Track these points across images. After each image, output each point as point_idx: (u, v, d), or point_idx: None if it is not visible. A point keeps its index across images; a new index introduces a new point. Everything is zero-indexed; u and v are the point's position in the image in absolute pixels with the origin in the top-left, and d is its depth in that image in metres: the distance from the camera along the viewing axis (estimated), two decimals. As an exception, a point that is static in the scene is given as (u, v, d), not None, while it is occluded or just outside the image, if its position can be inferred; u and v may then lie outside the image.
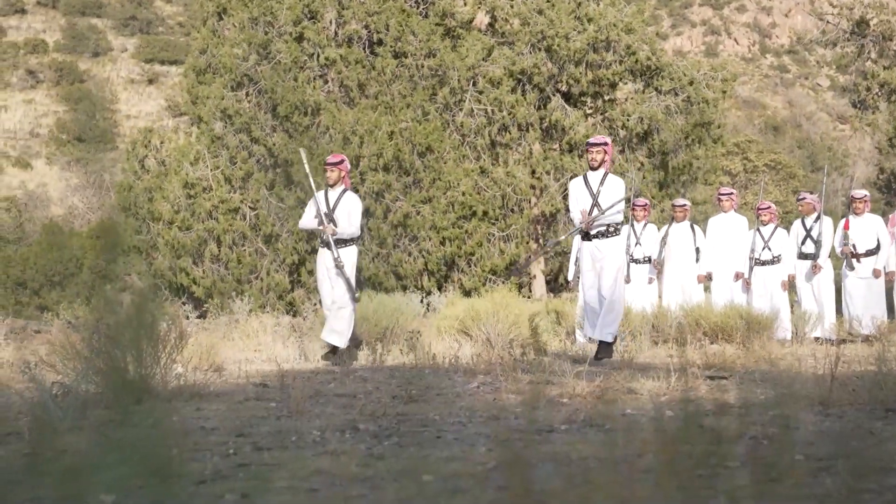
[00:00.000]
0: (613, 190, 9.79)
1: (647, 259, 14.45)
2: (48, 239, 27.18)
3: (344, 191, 10.69)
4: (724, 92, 22.71)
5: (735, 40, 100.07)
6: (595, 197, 9.77)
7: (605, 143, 9.95)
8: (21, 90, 63.27)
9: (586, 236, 9.83)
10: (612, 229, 9.77)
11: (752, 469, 3.47)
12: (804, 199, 14.14)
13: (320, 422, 4.89)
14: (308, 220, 10.76)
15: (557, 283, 25.74)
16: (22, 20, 71.11)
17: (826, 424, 4.69)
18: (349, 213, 10.54)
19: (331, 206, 10.57)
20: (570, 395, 5.93)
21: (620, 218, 9.94)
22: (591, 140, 10.08)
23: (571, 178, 9.63)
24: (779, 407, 5.01)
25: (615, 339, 9.67)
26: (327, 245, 10.50)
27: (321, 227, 10.48)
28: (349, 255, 10.57)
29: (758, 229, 14.06)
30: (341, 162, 10.81)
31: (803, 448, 3.94)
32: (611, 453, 3.72)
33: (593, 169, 9.93)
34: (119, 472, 3.12)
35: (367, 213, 19.78)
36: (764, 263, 13.87)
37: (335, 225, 10.44)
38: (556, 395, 5.97)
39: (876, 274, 13.61)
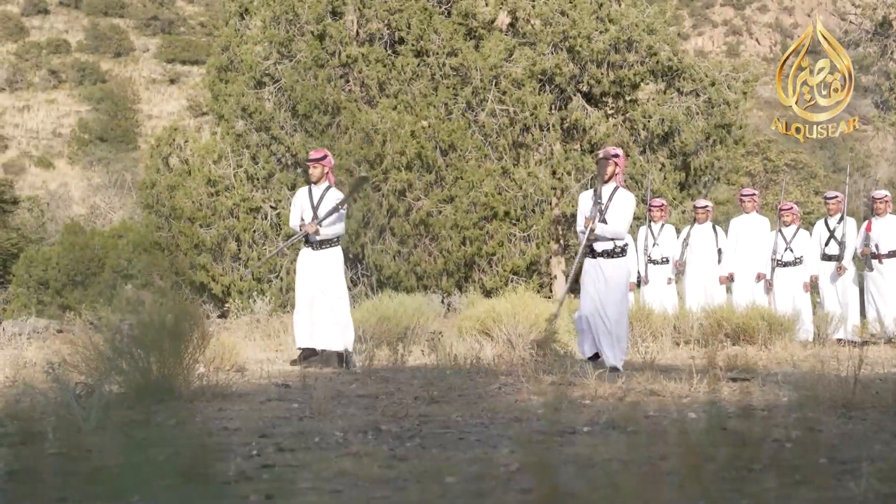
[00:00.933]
0: (622, 205, 9.35)
1: (664, 259, 14.43)
2: (70, 238, 27.29)
3: (328, 188, 10.33)
4: (746, 93, 22.61)
5: (757, 40, 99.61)
6: (603, 211, 9.29)
7: (617, 156, 9.50)
8: (44, 90, 63.64)
9: (591, 252, 9.38)
10: (618, 249, 9.32)
11: (777, 472, 3.45)
12: (835, 197, 14.03)
13: (343, 423, 4.90)
14: (295, 221, 10.36)
15: (578, 284, 25.70)
16: (45, 20, 71.52)
17: (849, 427, 4.66)
18: (331, 219, 10.14)
19: (315, 204, 10.19)
20: (591, 396, 5.92)
21: (625, 237, 9.52)
22: (602, 153, 9.65)
23: (590, 182, 9.21)
24: (802, 409, 5.00)
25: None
26: (312, 245, 10.18)
27: (302, 224, 10.13)
28: (334, 258, 10.20)
29: (780, 230, 13.99)
30: (324, 157, 10.45)
31: (827, 451, 3.92)
32: (634, 456, 3.71)
33: (604, 182, 9.47)
34: (145, 472, 3.14)
35: (389, 211, 19.83)
36: (786, 265, 13.80)
37: (319, 224, 10.06)
38: (577, 396, 5.97)
39: (900, 277, 13.50)
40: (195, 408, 5.36)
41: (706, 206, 14.60)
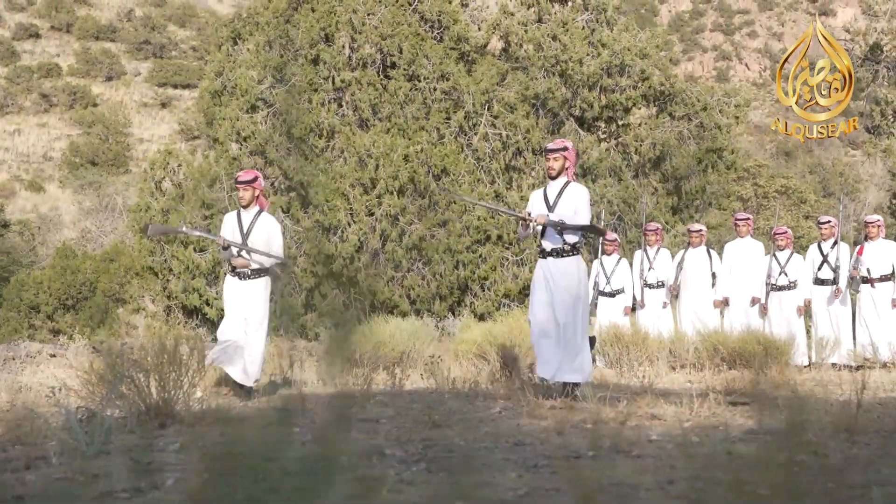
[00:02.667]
0: (574, 199, 8.71)
1: (660, 283, 14.46)
2: (61, 262, 27.19)
3: (259, 212, 9.57)
4: (738, 118, 22.74)
5: (746, 65, 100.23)
6: (551, 207, 8.71)
7: (565, 149, 8.77)
8: (35, 114, 63.60)
9: (541, 253, 8.76)
10: (568, 248, 8.66)
11: (786, 497, 3.45)
12: (828, 222, 14.07)
13: (347, 447, 4.88)
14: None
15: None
16: (36, 44, 71.57)
17: (854, 451, 4.66)
18: (268, 239, 9.49)
19: (245, 231, 9.45)
20: (593, 420, 5.91)
21: (577, 237, 8.83)
22: (549, 145, 8.93)
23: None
24: (805, 433, 4.99)
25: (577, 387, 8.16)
26: (239, 275, 9.49)
27: (227, 245, 9.42)
28: (260, 288, 9.59)
29: (774, 254, 14.03)
30: (255, 180, 9.63)
31: (834, 475, 3.91)
32: (643, 480, 3.71)
33: (552, 178, 8.81)
34: (152, 496, 3.12)
35: (382, 236, 19.82)
36: (780, 289, 13.84)
37: (248, 254, 9.36)
38: (579, 420, 5.96)
39: (894, 304, 13.52)
40: (197, 432, 5.33)
41: (700, 230, 14.65)
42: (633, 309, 14.75)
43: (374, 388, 8.53)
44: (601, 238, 14.99)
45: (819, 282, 13.87)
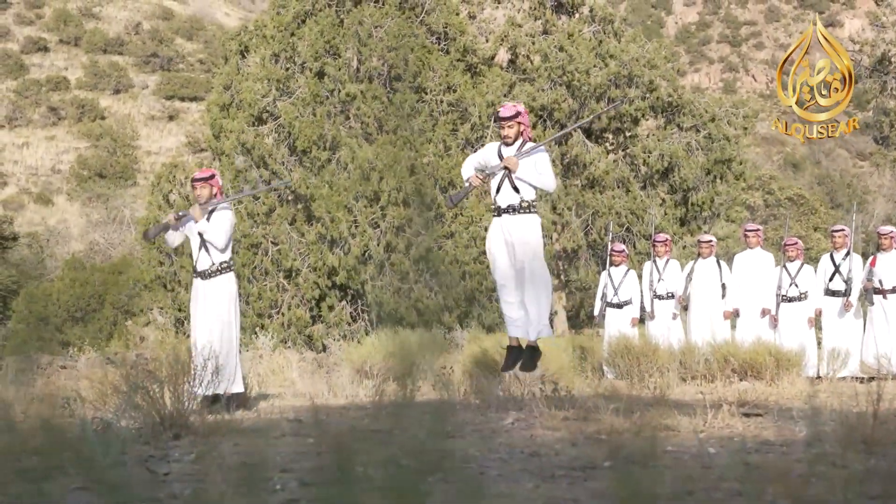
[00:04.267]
0: (535, 157, 8.49)
1: (670, 294, 14.44)
2: (70, 274, 27.27)
3: (212, 211, 9.50)
4: (746, 129, 22.75)
5: (753, 77, 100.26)
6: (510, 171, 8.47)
7: (518, 115, 8.58)
8: (43, 127, 63.77)
9: (497, 211, 8.56)
10: (524, 205, 8.46)
11: (807, 507, 3.43)
12: (841, 231, 14.01)
13: (361, 457, 4.87)
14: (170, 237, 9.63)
15: (579, 319, 25.70)
16: (44, 58, 71.78)
17: (872, 463, 4.64)
18: (218, 229, 9.39)
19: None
20: (607, 431, 5.89)
21: (548, 184, 8.59)
22: (503, 112, 8.67)
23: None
24: (822, 445, 4.98)
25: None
26: (200, 275, 9.38)
27: (180, 216, 9.42)
28: (224, 286, 9.39)
29: (784, 265, 13.99)
30: (212, 177, 9.67)
31: (853, 486, 3.89)
32: (662, 491, 3.69)
33: (507, 145, 8.58)
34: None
35: (388, 247, 19.82)
36: (791, 300, 13.79)
37: (207, 250, 9.31)
38: (592, 431, 5.94)
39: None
40: (211, 443, 5.33)
41: (710, 241, 14.61)
42: (642, 320, 14.73)
43: (386, 400, 8.51)
44: (610, 248, 15.00)
45: (830, 293, 13.80)
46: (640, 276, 14.85)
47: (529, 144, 8.63)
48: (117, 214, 43.46)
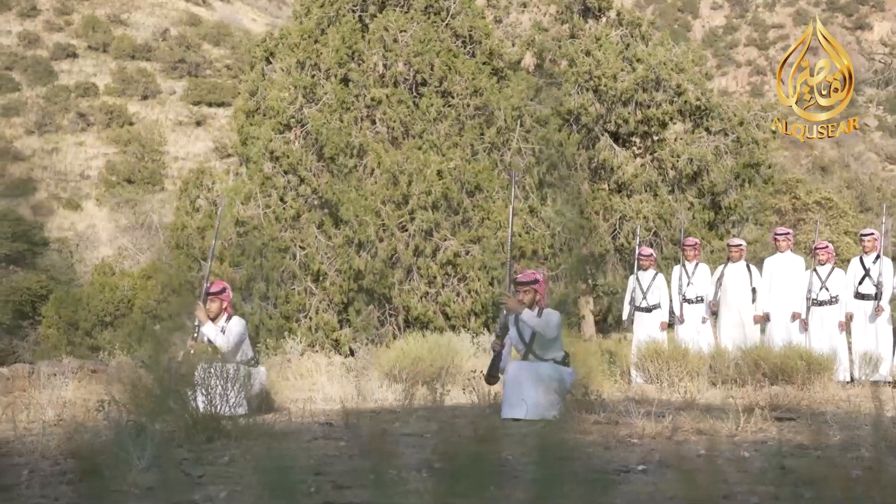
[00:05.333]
0: (548, 319, 8.54)
1: (699, 299, 14.36)
2: (99, 279, 27.46)
3: (228, 318, 9.37)
4: (774, 132, 22.64)
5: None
6: (529, 342, 8.54)
7: (535, 282, 8.70)
8: (72, 133, 64.26)
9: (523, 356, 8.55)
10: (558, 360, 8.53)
11: (846, 511, 3.40)
12: (871, 234, 13.88)
13: (394, 461, 4.88)
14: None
15: (606, 323, 25.64)
16: (73, 64, 72.40)
17: (908, 466, 4.60)
18: (227, 337, 9.18)
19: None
20: (639, 435, 5.88)
21: (549, 333, 8.52)
22: (520, 278, 8.78)
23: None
24: (858, 448, 4.94)
25: None
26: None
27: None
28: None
29: (815, 269, 13.88)
30: (223, 291, 9.50)
31: (891, 491, 3.86)
32: (696, 495, 3.68)
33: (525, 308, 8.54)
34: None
35: (416, 251, 19.82)
36: (821, 304, 13.68)
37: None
38: (625, 435, 5.93)
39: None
40: (244, 446, 5.35)
41: (739, 245, 14.51)
42: (671, 324, 14.67)
43: (416, 404, 8.52)
44: (637, 253, 14.93)
45: (860, 296, 13.67)
46: (668, 281, 14.79)
47: (547, 311, 8.64)
48: (145, 219, 43.72)
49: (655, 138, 22.32)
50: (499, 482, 4.25)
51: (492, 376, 8.62)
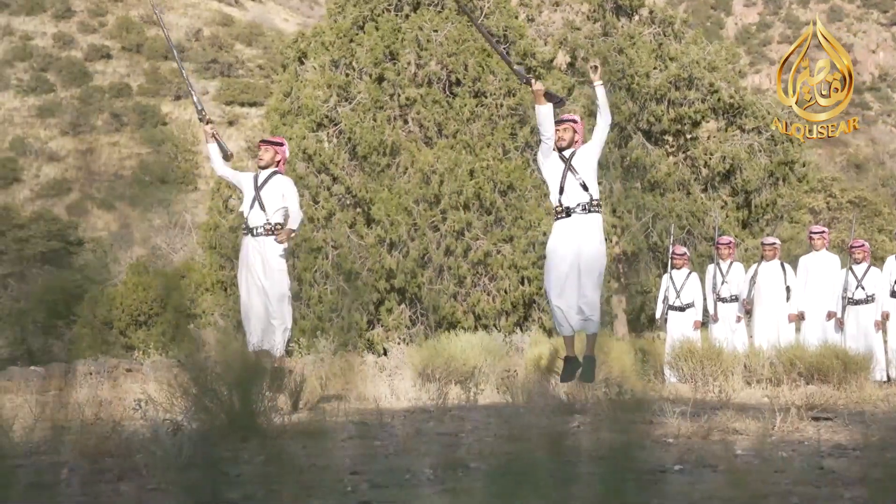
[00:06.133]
0: (588, 151, 8.79)
1: (733, 297, 14.30)
2: (133, 279, 27.64)
3: (274, 172, 9.49)
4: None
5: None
6: (573, 170, 8.67)
7: (575, 121, 8.93)
8: (106, 133, 64.77)
9: (565, 212, 8.62)
10: (594, 203, 8.62)
11: (887, 512, 3.37)
12: None
13: (430, 460, 4.88)
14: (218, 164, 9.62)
15: (639, 322, 25.53)
16: (107, 65, 72.98)
17: (949, 467, 4.55)
18: (282, 195, 9.35)
19: (258, 185, 9.39)
20: (674, 434, 5.85)
21: (598, 188, 8.76)
22: (562, 116, 9.04)
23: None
24: (896, 449, 4.89)
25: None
26: (250, 231, 9.30)
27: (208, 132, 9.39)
28: (277, 250, 9.29)
29: (850, 268, 13.78)
30: (281, 144, 9.76)
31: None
32: (735, 495, 3.66)
33: (561, 149, 8.82)
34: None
35: (447, 251, 19.82)
36: (857, 303, 13.58)
37: (263, 210, 9.23)
38: (660, 434, 5.90)
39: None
40: (280, 445, 5.36)
41: (774, 244, 14.43)
42: (705, 323, 14.61)
43: (449, 403, 8.52)
44: (671, 251, 14.85)
45: (895, 294, 13.57)
46: (702, 279, 14.72)
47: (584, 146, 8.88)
48: (178, 219, 43.97)
49: (688, 136, 22.21)
50: (535, 481, 4.24)
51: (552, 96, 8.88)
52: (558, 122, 8.88)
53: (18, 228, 37.80)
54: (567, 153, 8.81)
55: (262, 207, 9.32)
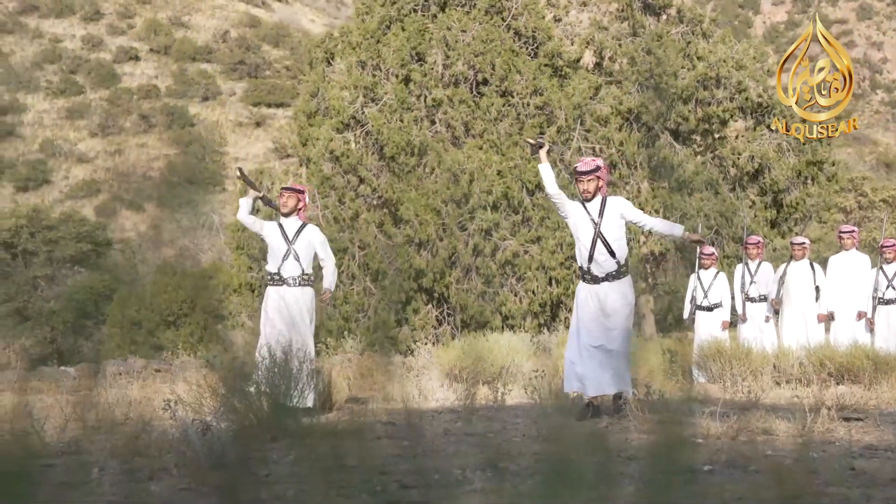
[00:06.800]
0: (618, 209, 8.46)
1: (762, 298, 14.22)
2: (162, 279, 27.79)
3: (303, 225, 9.72)
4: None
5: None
6: (598, 226, 8.39)
7: (598, 169, 8.49)
8: (134, 134, 65.14)
9: (592, 279, 8.37)
10: (622, 270, 8.40)
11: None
12: None
13: (458, 460, 4.89)
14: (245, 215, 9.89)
15: (667, 322, 25.44)
16: (136, 67, 73.38)
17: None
18: (312, 245, 9.60)
19: (290, 237, 9.58)
20: (703, 435, 5.82)
21: (626, 251, 8.50)
22: (580, 167, 8.57)
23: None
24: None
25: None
26: (285, 282, 9.42)
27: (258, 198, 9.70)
28: (308, 298, 9.48)
29: (881, 267, 13.67)
30: (302, 192, 9.98)
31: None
32: (765, 495, 3.63)
33: (587, 200, 8.48)
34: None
35: (475, 251, 19.80)
36: (888, 302, 13.46)
37: (298, 261, 9.42)
38: (689, 435, 5.87)
39: None
40: (308, 445, 5.37)
41: (803, 243, 14.34)
42: (733, 323, 14.53)
43: (477, 403, 8.52)
44: (699, 251, 14.75)
45: (927, 295, 13.46)
46: (730, 279, 14.64)
47: (612, 199, 8.59)
48: (206, 220, 44.17)
49: (716, 136, 22.08)
50: (564, 482, 4.23)
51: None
52: (579, 174, 8.59)
53: (48, 230, 38.06)
54: (595, 212, 8.46)
55: (297, 259, 9.50)
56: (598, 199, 8.51)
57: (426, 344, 17.20)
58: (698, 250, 14.87)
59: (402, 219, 20.24)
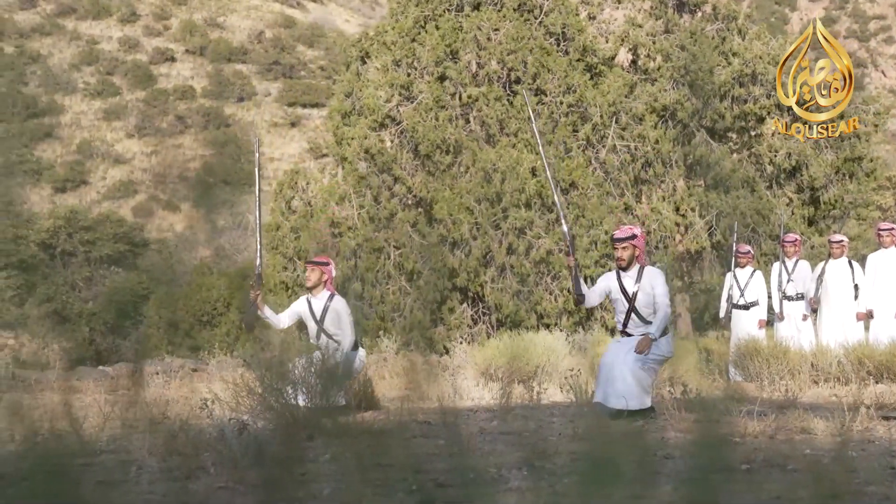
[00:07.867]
0: (652, 281, 8.31)
1: (799, 296, 14.11)
2: (198, 280, 27.94)
3: (331, 296, 9.67)
4: (876, 126, 22.09)
5: (882, 72, 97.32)
6: (632, 299, 8.29)
7: (633, 237, 8.35)
8: (171, 135, 65.58)
9: (628, 335, 8.36)
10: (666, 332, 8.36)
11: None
12: None
13: (494, 459, 4.88)
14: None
15: (703, 321, 25.31)
16: (172, 68, 73.87)
17: None
18: (340, 318, 9.53)
19: (318, 315, 9.57)
20: (741, 434, 5.79)
21: (662, 305, 8.27)
22: (618, 234, 8.52)
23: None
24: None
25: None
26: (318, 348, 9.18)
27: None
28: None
29: (920, 265, 13.53)
30: (326, 263, 9.91)
31: None
32: (804, 494, 3.61)
33: (622, 269, 8.40)
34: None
35: (509, 250, 19.77)
36: (928, 300, 13.33)
37: (329, 336, 9.37)
38: (725, 433, 5.83)
39: None
40: (344, 444, 5.39)
41: (841, 241, 14.21)
42: (769, 322, 14.43)
43: (513, 402, 8.51)
44: (735, 249, 14.65)
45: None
46: (766, 278, 14.54)
47: (648, 270, 8.48)
48: (242, 220, 44.37)
49: (752, 133, 21.94)
50: (600, 480, 4.22)
51: (579, 295, 8.56)
52: (615, 241, 8.55)
53: (86, 231, 38.42)
54: (629, 284, 8.35)
55: (328, 335, 9.47)
56: (636, 268, 8.41)
57: (461, 343, 17.21)
58: (734, 248, 14.78)
59: (435, 218, 20.25)
